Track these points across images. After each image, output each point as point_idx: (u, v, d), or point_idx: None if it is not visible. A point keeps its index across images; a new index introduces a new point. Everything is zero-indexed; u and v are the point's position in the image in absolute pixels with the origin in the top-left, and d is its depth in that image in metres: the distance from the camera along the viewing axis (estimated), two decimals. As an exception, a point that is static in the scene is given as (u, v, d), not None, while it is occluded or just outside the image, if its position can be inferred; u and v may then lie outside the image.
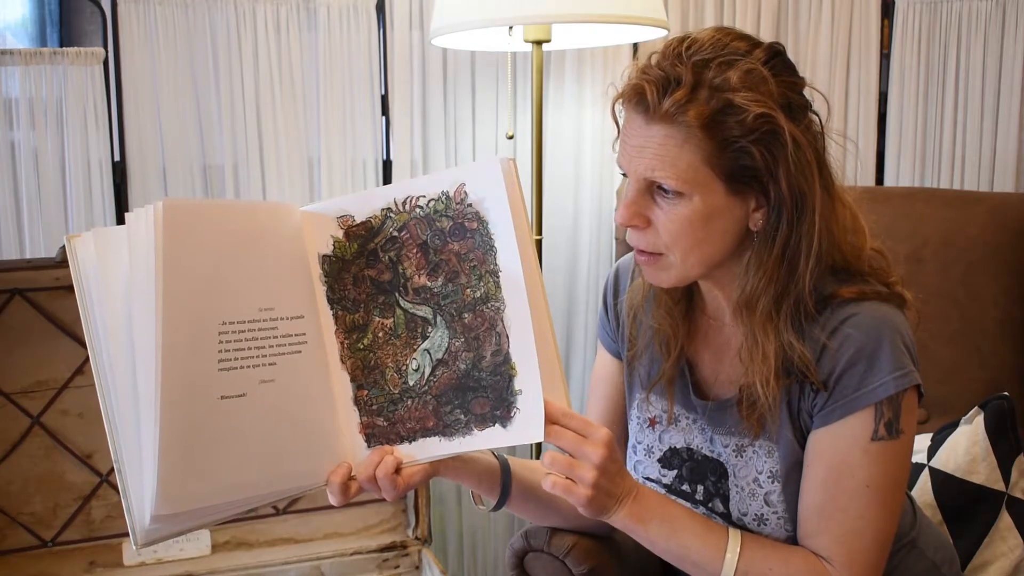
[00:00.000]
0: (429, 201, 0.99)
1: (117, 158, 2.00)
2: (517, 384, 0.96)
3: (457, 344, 0.98)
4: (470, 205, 0.98)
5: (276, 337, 0.96)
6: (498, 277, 0.97)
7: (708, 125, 0.97)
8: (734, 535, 1.06)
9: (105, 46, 1.95)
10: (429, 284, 1.00)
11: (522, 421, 0.96)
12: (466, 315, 0.98)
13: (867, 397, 1.01)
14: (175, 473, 0.89)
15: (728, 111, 0.96)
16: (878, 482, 1.02)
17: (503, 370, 0.96)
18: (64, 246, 1.66)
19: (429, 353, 1.00)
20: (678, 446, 1.17)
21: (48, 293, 1.71)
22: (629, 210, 1.03)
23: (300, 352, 0.98)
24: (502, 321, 0.96)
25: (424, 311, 1.00)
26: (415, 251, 1.00)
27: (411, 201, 1.00)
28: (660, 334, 1.15)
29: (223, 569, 1.83)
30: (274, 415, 0.96)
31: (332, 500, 1.00)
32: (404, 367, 1.00)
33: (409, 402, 1.00)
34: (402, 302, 1.01)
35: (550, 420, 0.96)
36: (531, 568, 1.34)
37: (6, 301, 1.70)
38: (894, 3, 2.31)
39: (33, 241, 1.96)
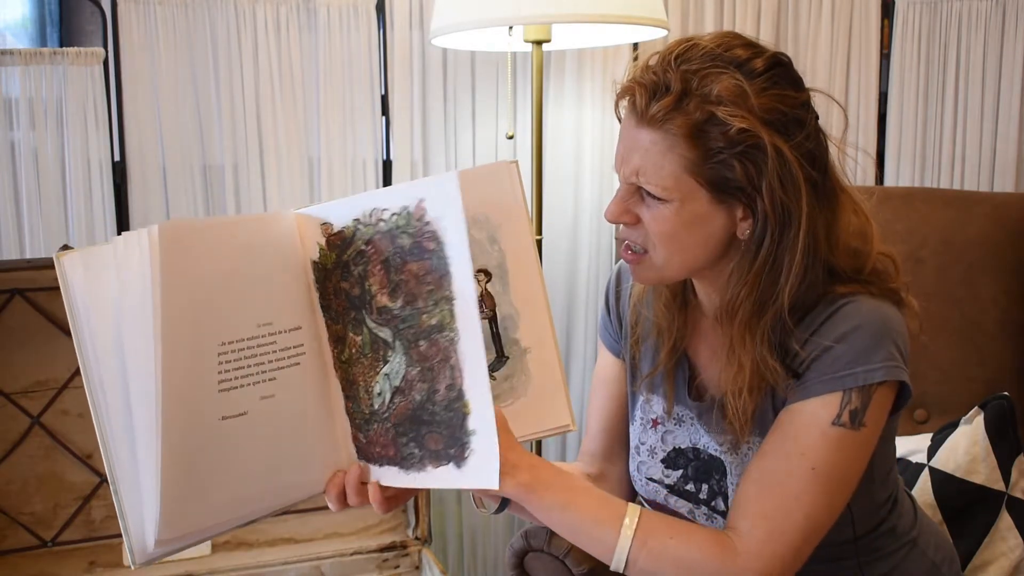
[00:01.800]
0: (392, 215, 0.94)
1: (117, 158, 2.00)
2: (471, 423, 0.90)
3: (413, 373, 0.93)
4: (428, 223, 0.91)
5: (275, 351, 0.95)
6: (452, 304, 0.91)
7: (693, 135, 0.97)
8: (633, 508, 1.03)
9: (105, 46, 1.95)
10: (390, 305, 0.94)
11: (475, 464, 0.90)
12: (422, 343, 0.92)
13: (838, 382, 1.00)
14: (178, 497, 0.88)
15: (713, 122, 0.97)
16: (825, 469, 1.00)
17: (456, 406, 0.91)
18: (64, 246, 1.67)
19: (388, 378, 0.95)
20: (683, 446, 1.17)
21: (48, 293, 1.71)
22: (618, 207, 1.04)
23: (299, 364, 0.97)
24: (456, 353, 0.90)
25: (385, 333, 0.95)
26: (379, 267, 0.95)
27: (376, 213, 0.95)
28: (657, 326, 1.16)
29: (223, 569, 1.83)
30: (274, 429, 0.95)
31: (331, 507, 1.01)
32: (371, 389, 0.97)
33: (375, 426, 0.97)
34: (368, 320, 0.96)
35: None
36: (531, 568, 1.34)
37: (6, 301, 1.70)
38: (894, 3, 2.31)
39: (33, 241, 1.96)
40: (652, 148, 0.99)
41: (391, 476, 0.97)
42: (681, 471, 1.17)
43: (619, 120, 1.06)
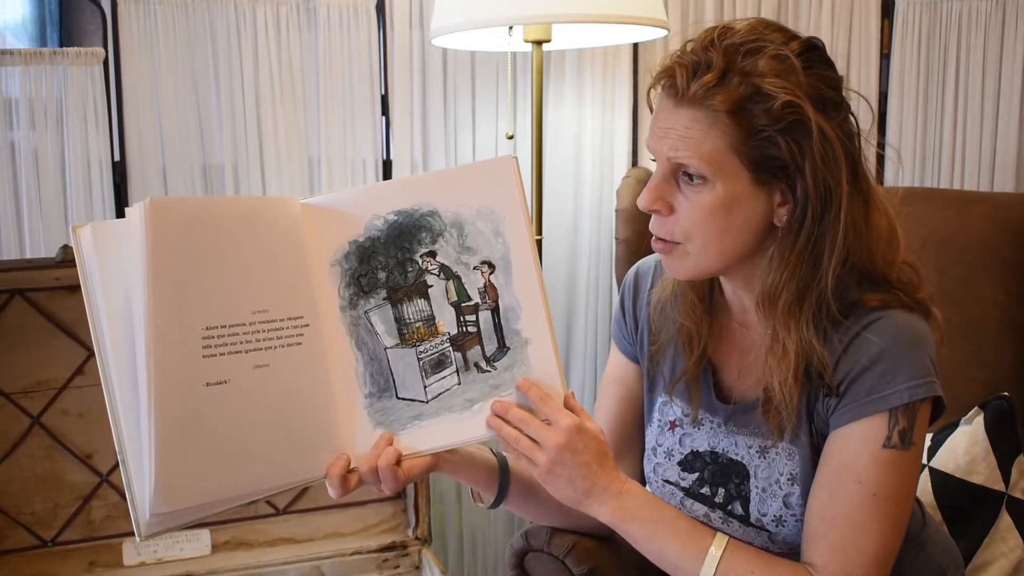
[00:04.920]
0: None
1: (117, 158, 2.00)
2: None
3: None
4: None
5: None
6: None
7: (735, 111, 0.96)
8: (720, 538, 1.04)
9: (105, 46, 1.95)
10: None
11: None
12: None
13: (882, 402, 0.99)
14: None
15: (756, 98, 0.96)
16: (885, 492, 1.00)
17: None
18: (64, 246, 1.67)
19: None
20: (701, 449, 1.15)
21: (48, 293, 1.71)
22: (652, 194, 1.02)
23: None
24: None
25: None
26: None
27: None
28: (684, 331, 1.14)
29: (223, 569, 1.83)
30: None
31: (331, 492, 1.00)
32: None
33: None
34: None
35: (515, 408, 1.00)
36: (531, 568, 1.34)
37: (6, 301, 1.70)
38: (894, 3, 2.31)
39: (33, 241, 1.96)
40: (693, 126, 0.98)
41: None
42: (697, 474, 1.16)
43: (650, 109, 1.05)
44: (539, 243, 1.99)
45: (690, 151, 0.98)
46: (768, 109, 0.96)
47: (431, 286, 1.03)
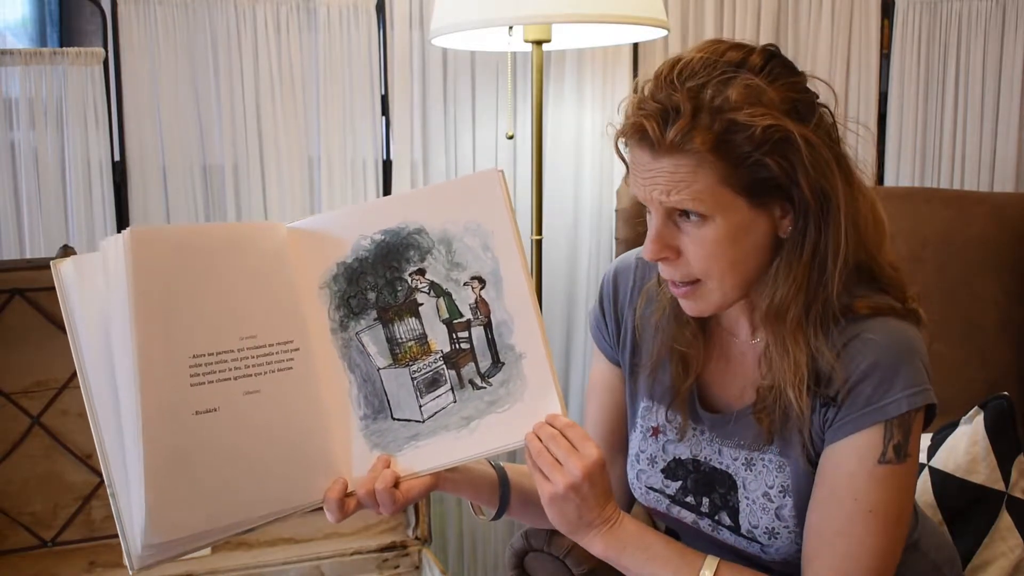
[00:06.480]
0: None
1: (117, 158, 2.00)
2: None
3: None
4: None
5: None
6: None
7: (717, 148, 0.94)
8: (711, 560, 1.04)
9: (105, 46, 1.95)
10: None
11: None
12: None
13: (877, 414, 0.99)
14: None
15: (734, 129, 0.94)
16: (882, 508, 0.99)
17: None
18: (64, 246, 1.67)
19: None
20: (683, 457, 1.14)
21: (48, 293, 1.71)
22: (656, 244, 1.00)
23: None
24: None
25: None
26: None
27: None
28: (677, 352, 1.13)
29: (223, 569, 1.83)
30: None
31: (329, 518, 1.00)
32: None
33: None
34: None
35: (548, 425, 0.99)
36: (531, 568, 1.34)
37: (6, 301, 1.70)
38: (894, 3, 2.31)
39: (33, 241, 1.96)
40: (679, 170, 0.96)
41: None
42: (680, 482, 1.15)
43: (620, 157, 1.04)
44: (539, 243, 1.99)
45: (683, 194, 0.96)
46: (750, 136, 0.94)
47: (422, 304, 1.02)
